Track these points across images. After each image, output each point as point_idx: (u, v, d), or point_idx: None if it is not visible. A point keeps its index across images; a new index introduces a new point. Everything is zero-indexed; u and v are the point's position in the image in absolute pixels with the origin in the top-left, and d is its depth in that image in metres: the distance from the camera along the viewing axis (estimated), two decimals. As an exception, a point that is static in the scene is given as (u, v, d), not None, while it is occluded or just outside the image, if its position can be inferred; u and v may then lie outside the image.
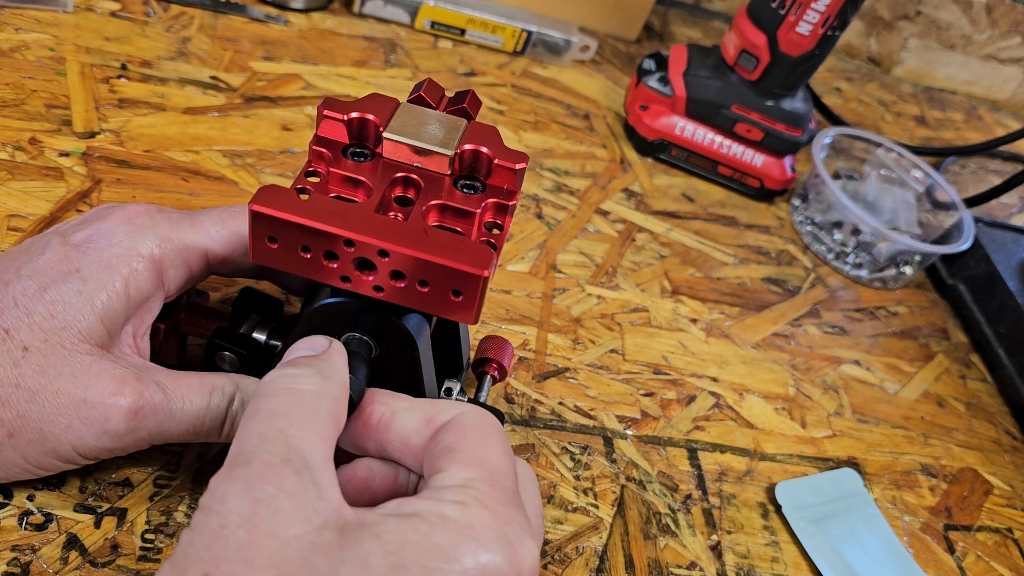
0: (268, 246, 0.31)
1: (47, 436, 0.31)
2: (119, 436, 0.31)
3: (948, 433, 0.57)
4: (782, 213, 0.70)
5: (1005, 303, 0.64)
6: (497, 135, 0.35)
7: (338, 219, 0.30)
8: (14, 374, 0.30)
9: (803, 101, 0.67)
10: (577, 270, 0.56)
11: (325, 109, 0.34)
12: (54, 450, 0.31)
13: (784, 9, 0.61)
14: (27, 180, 0.46)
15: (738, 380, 0.54)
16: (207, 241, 0.35)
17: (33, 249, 0.33)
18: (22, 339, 0.30)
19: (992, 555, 0.50)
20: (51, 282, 0.31)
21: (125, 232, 0.33)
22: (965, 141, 0.92)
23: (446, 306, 0.32)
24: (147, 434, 0.32)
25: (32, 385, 0.30)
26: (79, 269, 0.32)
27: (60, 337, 0.31)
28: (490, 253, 0.31)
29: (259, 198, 0.30)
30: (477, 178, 0.35)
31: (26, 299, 0.31)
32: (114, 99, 0.53)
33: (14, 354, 0.30)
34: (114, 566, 0.34)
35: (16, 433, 0.30)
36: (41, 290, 0.31)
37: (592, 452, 0.46)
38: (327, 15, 0.67)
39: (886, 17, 0.94)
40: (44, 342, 0.30)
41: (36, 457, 0.31)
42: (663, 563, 0.43)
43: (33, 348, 0.30)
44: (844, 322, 0.62)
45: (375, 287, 0.32)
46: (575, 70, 0.74)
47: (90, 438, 0.31)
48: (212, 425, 0.33)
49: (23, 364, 0.30)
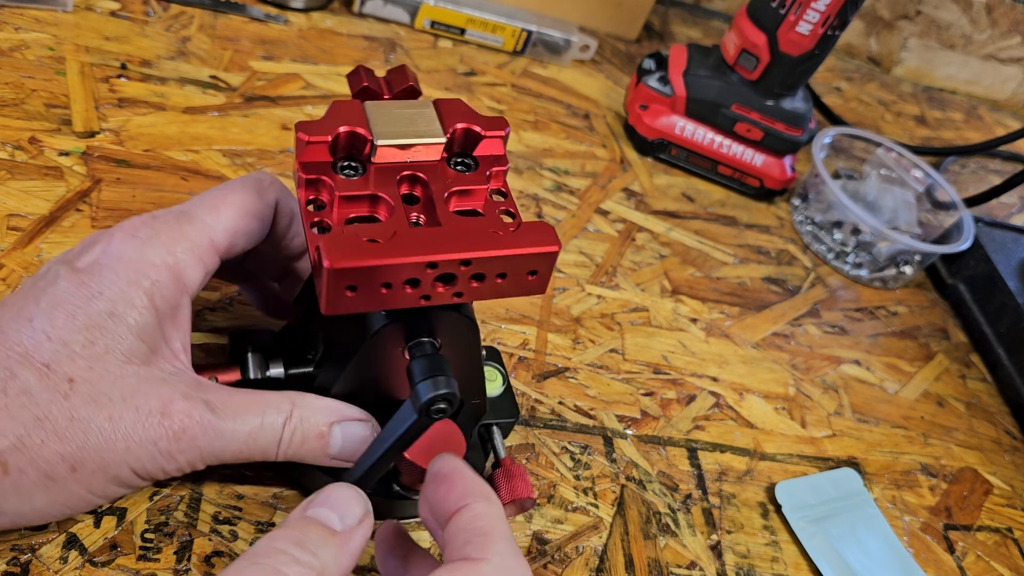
0: (346, 295, 0.30)
1: (108, 464, 0.30)
2: (172, 455, 0.31)
3: (948, 433, 0.57)
4: (782, 213, 0.70)
5: (1005, 303, 0.64)
6: (466, 106, 0.35)
7: (416, 246, 0.30)
8: (66, 407, 0.30)
9: (803, 101, 0.67)
10: (577, 270, 0.56)
11: (307, 135, 0.32)
12: (117, 477, 0.31)
13: (784, 9, 0.61)
14: (27, 180, 0.46)
15: (738, 380, 0.54)
16: (209, 232, 0.34)
17: (41, 283, 0.32)
18: (65, 371, 0.30)
19: (992, 555, 0.50)
20: (77, 309, 0.31)
21: (133, 247, 0.32)
22: (965, 141, 0.92)
23: (520, 288, 0.33)
24: (199, 453, 0.32)
25: (85, 415, 0.30)
26: (101, 292, 0.31)
27: (104, 363, 0.30)
28: (550, 227, 0.32)
29: (332, 254, 0.29)
30: (468, 155, 0.35)
31: (57, 330, 0.30)
32: (114, 99, 0.53)
33: (61, 387, 0.30)
34: (114, 566, 0.34)
35: (79, 466, 0.30)
36: (70, 318, 0.30)
37: (592, 452, 0.46)
38: (327, 14, 0.67)
39: (886, 17, 0.94)
40: (89, 370, 0.30)
41: (101, 487, 0.31)
42: (663, 563, 0.43)
43: (79, 378, 0.30)
44: (844, 322, 0.62)
45: (455, 294, 0.32)
46: (575, 70, 0.74)
47: (147, 459, 0.31)
48: (267, 444, 0.33)
49: (72, 396, 0.30)
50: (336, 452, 0.34)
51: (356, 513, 0.30)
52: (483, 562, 0.29)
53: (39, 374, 0.29)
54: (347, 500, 0.30)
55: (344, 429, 0.34)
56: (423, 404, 0.31)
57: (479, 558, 0.29)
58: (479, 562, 0.29)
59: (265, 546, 0.28)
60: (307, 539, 0.28)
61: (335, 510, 0.30)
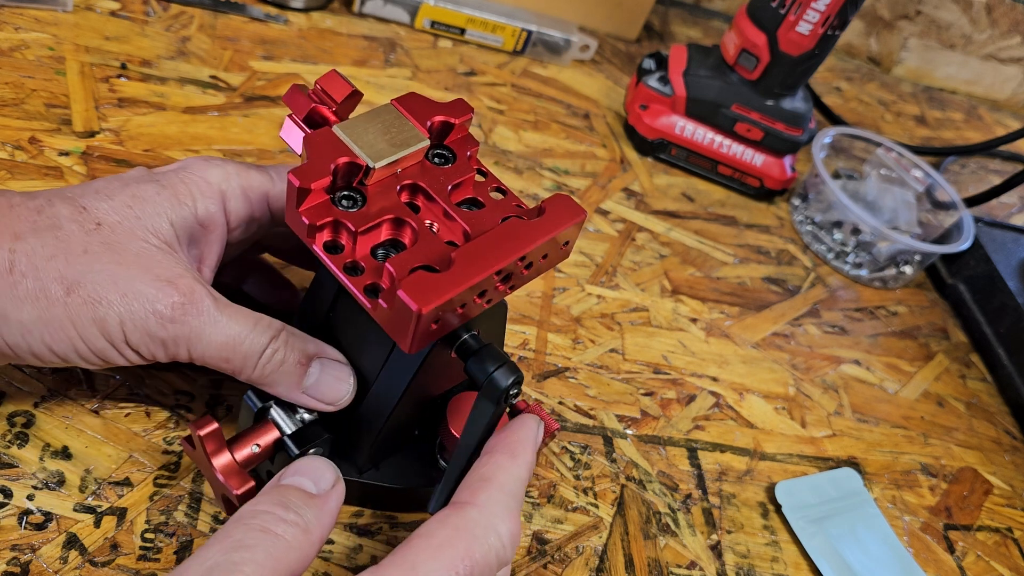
0: (431, 329, 0.30)
1: (100, 300, 0.31)
2: (164, 322, 0.32)
3: (948, 433, 0.57)
4: (782, 213, 0.70)
5: (1005, 303, 0.64)
6: (422, 97, 0.35)
7: (478, 260, 0.31)
8: (84, 241, 0.32)
9: (803, 101, 0.67)
10: (577, 269, 0.56)
11: (303, 181, 0.31)
12: (103, 319, 0.31)
13: (784, 9, 0.61)
14: (27, 179, 0.46)
15: (738, 380, 0.54)
16: (269, 185, 0.37)
17: None
18: (98, 216, 0.33)
19: (992, 555, 0.50)
20: (132, 182, 0.34)
21: (199, 165, 0.36)
22: (965, 141, 0.92)
23: (556, 260, 0.35)
24: (188, 331, 0.32)
25: (97, 251, 0.32)
26: (158, 179, 0.35)
27: (132, 223, 0.33)
28: (567, 196, 0.34)
29: (417, 297, 0.29)
30: (442, 146, 0.36)
31: (107, 188, 0.34)
32: (114, 98, 0.53)
33: (87, 225, 0.32)
34: (114, 565, 0.34)
35: (72, 290, 0.31)
36: (123, 185, 0.34)
37: (592, 452, 0.46)
38: (327, 14, 0.67)
39: (886, 17, 0.94)
40: (118, 223, 0.33)
41: (85, 325, 0.31)
42: (663, 563, 0.43)
43: (106, 224, 0.33)
44: (844, 322, 0.62)
45: (510, 287, 0.33)
46: (575, 70, 0.74)
47: (139, 315, 0.32)
48: (248, 353, 0.33)
49: (94, 234, 0.32)
50: (310, 384, 0.35)
51: (329, 478, 0.31)
52: (470, 506, 0.30)
53: (74, 210, 0.33)
54: (318, 467, 0.31)
55: (323, 366, 0.35)
56: (502, 392, 0.32)
57: (468, 502, 0.30)
58: (466, 506, 0.30)
59: (249, 510, 0.29)
60: (288, 501, 0.29)
61: (308, 476, 0.31)
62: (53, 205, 0.33)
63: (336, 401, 0.35)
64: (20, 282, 0.31)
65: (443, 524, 0.29)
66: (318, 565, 0.37)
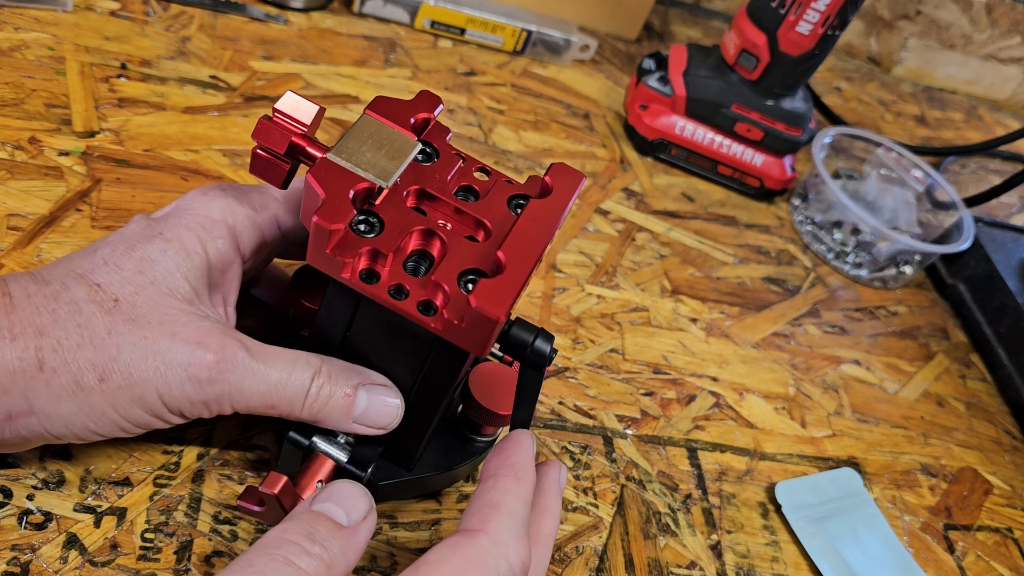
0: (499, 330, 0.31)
1: (136, 380, 0.31)
2: (202, 385, 0.32)
3: (948, 433, 0.57)
4: (782, 213, 0.70)
5: (1005, 303, 0.64)
6: (391, 99, 0.35)
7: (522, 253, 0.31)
8: (106, 322, 0.31)
9: (803, 101, 0.67)
10: (577, 269, 0.56)
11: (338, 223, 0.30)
12: (142, 398, 0.32)
13: (784, 9, 0.61)
14: (27, 179, 0.46)
15: (738, 380, 0.54)
16: (275, 207, 0.36)
17: (118, 229, 0.35)
18: (113, 292, 0.32)
19: (992, 555, 0.50)
20: (137, 243, 0.33)
21: (200, 202, 0.35)
22: (965, 141, 0.92)
23: None
24: (228, 389, 0.32)
25: (123, 331, 0.31)
26: (162, 232, 0.34)
27: (149, 291, 0.33)
28: (562, 164, 0.35)
29: (492, 305, 0.29)
30: (424, 142, 0.36)
31: (115, 257, 0.33)
32: (114, 98, 0.53)
33: (106, 304, 0.32)
34: (114, 565, 0.34)
35: (106, 376, 0.31)
36: (128, 249, 0.33)
37: (592, 452, 0.46)
38: (327, 14, 0.67)
39: (886, 17, 0.94)
40: (134, 294, 0.32)
41: (125, 406, 0.32)
42: (663, 563, 0.43)
43: (124, 299, 0.32)
44: (844, 322, 0.62)
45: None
46: (575, 70, 0.74)
47: (175, 384, 0.32)
48: (293, 396, 0.33)
49: (115, 313, 0.32)
50: (359, 415, 0.34)
51: (361, 508, 0.30)
52: (480, 534, 0.29)
53: (90, 290, 0.32)
54: (353, 496, 0.31)
55: (370, 393, 0.35)
56: (546, 359, 0.34)
57: (478, 530, 0.29)
58: (476, 534, 0.29)
59: (275, 538, 0.28)
60: (316, 532, 0.29)
61: (341, 505, 0.30)
62: (68, 289, 0.32)
63: (388, 425, 0.35)
64: (53, 378, 0.31)
65: (454, 551, 0.29)
66: (318, 565, 0.37)
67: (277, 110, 0.33)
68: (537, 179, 0.36)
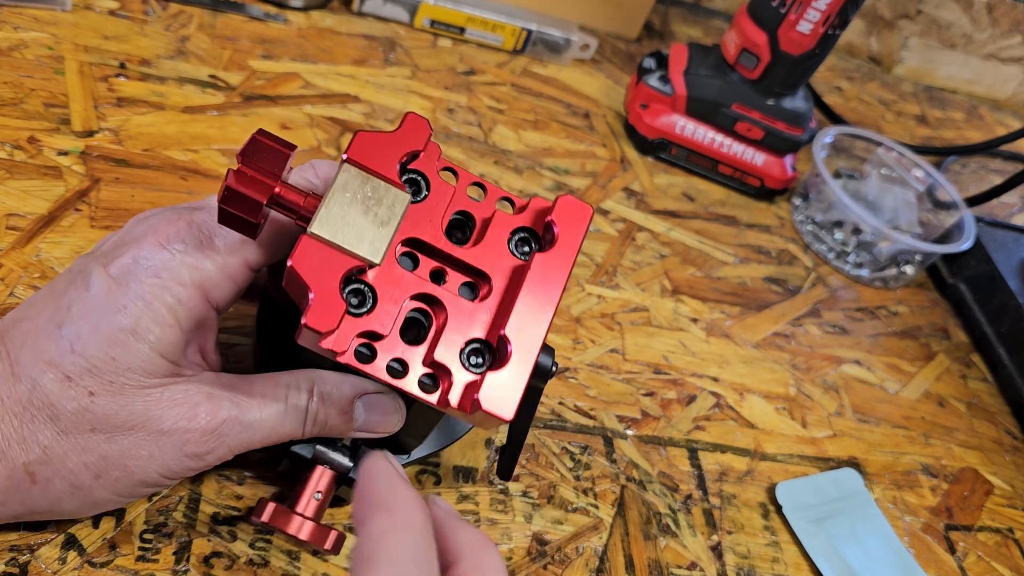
0: None
1: (132, 470, 0.31)
2: (200, 456, 0.32)
3: (949, 433, 0.57)
4: (783, 212, 0.70)
5: (1006, 303, 0.64)
6: (373, 135, 0.31)
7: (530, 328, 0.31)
8: (89, 420, 0.30)
9: (804, 100, 0.67)
10: (577, 269, 0.56)
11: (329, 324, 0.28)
12: (142, 480, 0.32)
13: (785, 8, 0.61)
14: (26, 179, 0.46)
15: (738, 380, 0.54)
16: (244, 252, 0.33)
17: (78, 282, 0.32)
18: (86, 385, 0.30)
19: (993, 555, 0.50)
20: (102, 321, 0.30)
21: (162, 261, 0.31)
22: (966, 140, 0.91)
23: None
24: (228, 448, 0.32)
25: (106, 427, 0.30)
26: (125, 306, 0.31)
27: (125, 378, 0.31)
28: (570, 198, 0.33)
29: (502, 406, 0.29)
30: (411, 171, 0.32)
31: (81, 343, 0.30)
32: (113, 98, 0.53)
33: (82, 400, 0.30)
34: (112, 566, 0.34)
35: (103, 474, 0.31)
36: (94, 332, 0.30)
37: (592, 452, 0.46)
38: (326, 13, 0.67)
39: (887, 16, 0.94)
40: (110, 384, 0.30)
41: (127, 490, 0.32)
42: (663, 563, 0.43)
43: (99, 392, 0.30)
44: (845, 322, 0.62)
45: None
46: (575, 69, 0.74)
47: (173, 463, 0.32)
48: (293, 427, 0.33)
49: (93, 408, 0.30)
50: (359, 425, 0.35)
51: None
52: None
53: (61, 385, 0.30)
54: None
55: (366, 402, 0.35)
56: (549, 372, 0.34)
57: None
58: None
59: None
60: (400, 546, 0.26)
61: None
62: (37, 388, 0.30)
63: (389, 429, 0.35)
64: (48, 487, 0.31)
65: None
66: (318, 566, 0.37)
67: (242, 158, 0.29)
68: (541, 208, 0.33)
